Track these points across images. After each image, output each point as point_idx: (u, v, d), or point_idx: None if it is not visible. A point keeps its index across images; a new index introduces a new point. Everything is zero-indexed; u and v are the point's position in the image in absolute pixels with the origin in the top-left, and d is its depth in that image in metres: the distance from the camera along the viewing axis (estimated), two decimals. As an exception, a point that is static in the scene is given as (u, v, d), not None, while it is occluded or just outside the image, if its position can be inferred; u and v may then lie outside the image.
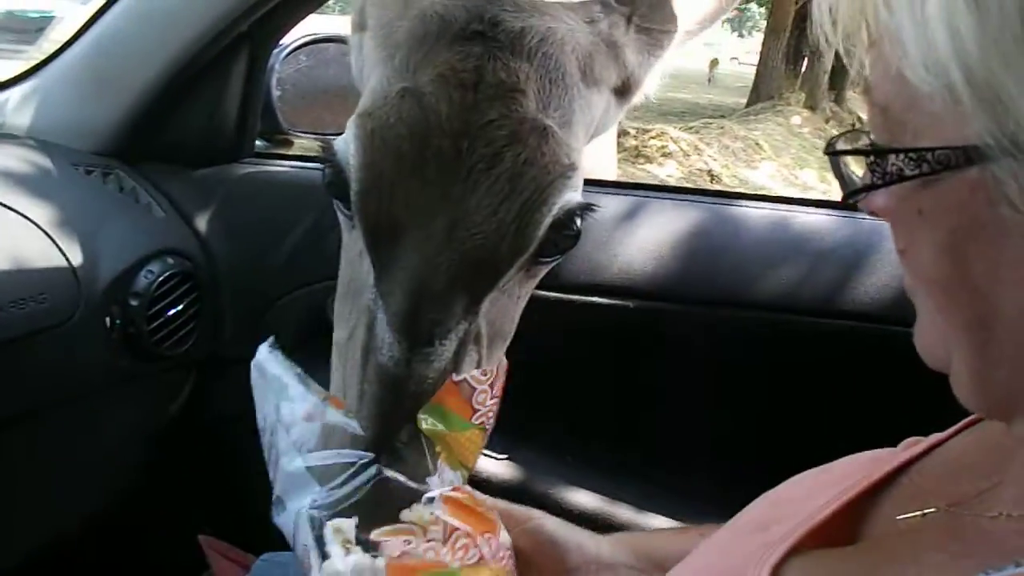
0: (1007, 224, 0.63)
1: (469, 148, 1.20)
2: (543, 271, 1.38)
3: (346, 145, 1.25)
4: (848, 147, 0.78)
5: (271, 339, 1.37)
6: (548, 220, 1.24)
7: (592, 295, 1.93)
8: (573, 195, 1.27)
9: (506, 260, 1.25)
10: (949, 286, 0.71)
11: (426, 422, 1.24)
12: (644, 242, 1.96)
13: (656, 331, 1.96)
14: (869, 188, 0.73)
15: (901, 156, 0.68)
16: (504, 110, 1.21)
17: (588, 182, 1.59)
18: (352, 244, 1.40)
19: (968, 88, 0.60)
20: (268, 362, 1.39)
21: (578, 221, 1.30)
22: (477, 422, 1.29)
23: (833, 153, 0.79)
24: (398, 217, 1.23)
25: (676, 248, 1.95)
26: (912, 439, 0.98)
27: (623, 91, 1.49)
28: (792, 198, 2.12)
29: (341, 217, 1.40)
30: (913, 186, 0.69)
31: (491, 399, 1.30)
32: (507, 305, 1.37)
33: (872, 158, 0.72)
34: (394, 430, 1.21)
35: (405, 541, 1.19)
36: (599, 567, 1.30)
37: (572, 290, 1.90)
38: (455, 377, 1.24)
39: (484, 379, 1.27)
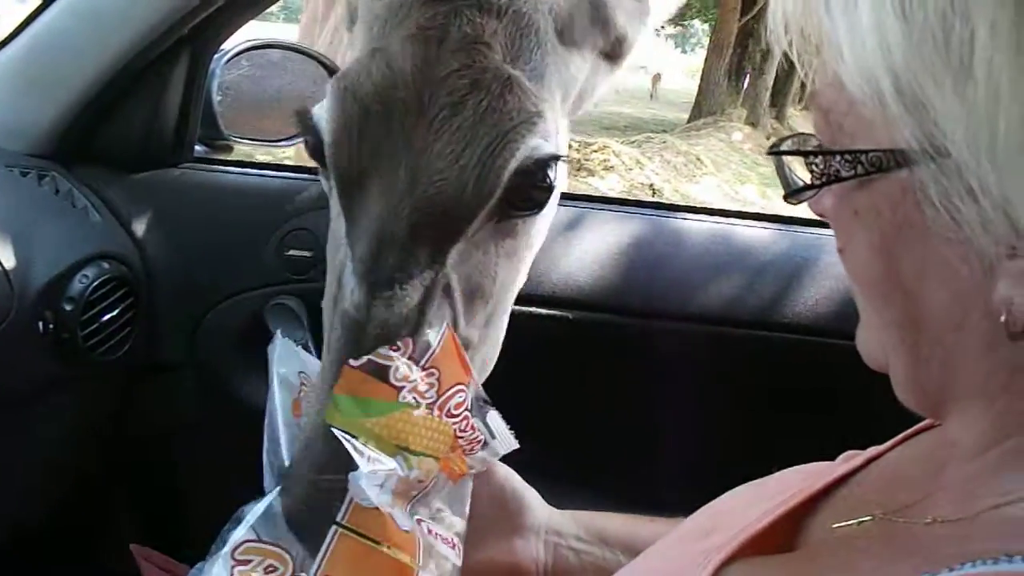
0: (931, 226, 0.65)
1: (432, 98, 1.24)
2: (521, 228, 1.39)
3: (321, 110, 1.31)
4: (789, 148, 0.80)
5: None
6: (512, 165, 1.25)
7: (532, 305, 1.93)
8: (542, 143, 1.28)
9: (470, 208, 1.27)
10: (881, 285, 0.74)
11: (338, 415, 1.25)
12: (585, 253, 1.97)
13: (596, 342, 1.96)
14: (806, 188, 0.75)
15: (837, 158, 0.70)
16: (467, 60, 1.25)
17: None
18: (334, 206, 1.42)
19: (895, 94, 0.62)
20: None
21: (551, 173, 1.32)
22: (405, 400, 1.29)
23: (776, 153, 0.81)
24: (365, 167, 1.28)
25: (617, 260, 1.96)
26: (851, 452, 0.99)
27: (612, 55, 1.52)
28: (732, 211, 2.14)
29: (325, 185, 1.45)
30: (849, 187, 0.71)
31: (420, 372, 1.30)
32: (482, 261, 1.37)
33: (811, 159, 0.74)
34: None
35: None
36: (549, 532, 1.36)
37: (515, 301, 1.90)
38: (351, 363, 1.25)
39: (396, 353, 1.27)
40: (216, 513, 1.19)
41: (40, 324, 1.71)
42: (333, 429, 1.22)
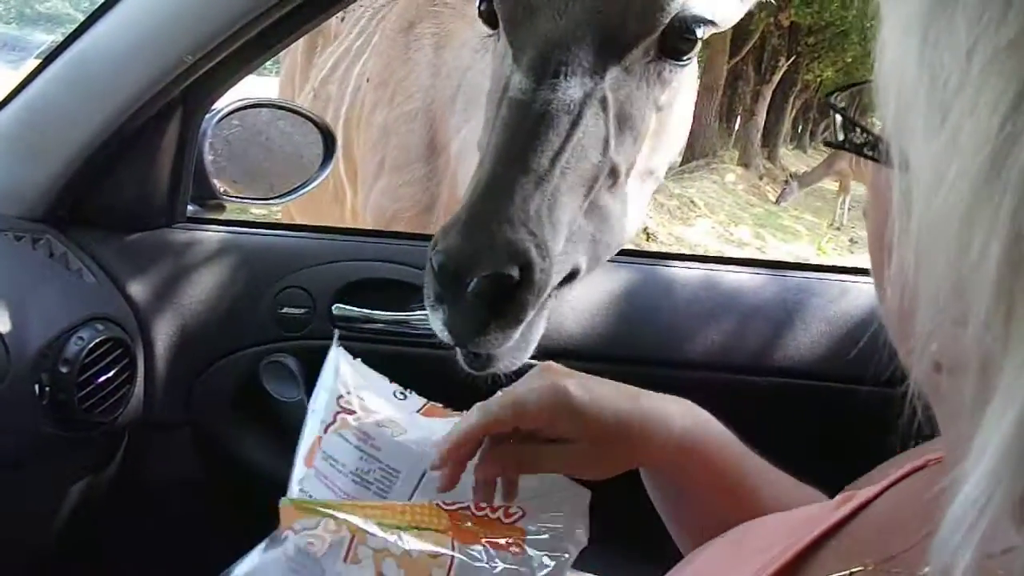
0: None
1: None
2: (668, 77, 1.61)
3: None
4: (835, 102, 0.80)
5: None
6: (670, 8, 1.50)
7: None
8: (693, 3, 1.54)
9: (632, 34, 1.51)
10: (875, 269, 0.74)
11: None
12: (576, 303, 1.98)
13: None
14: (832, 144, 0.76)
15: (858, 130, 0.72)
16: None
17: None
18: (499, 60, 1.65)
19: (892, 99, 0.61)
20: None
21: (698, 30, 1.57)
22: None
23: (825, 103, 0.82)
24: (535, 3, 1.49)
25: (608, 309, 1.98)
26: (847, 493, 0.98)
27: None
28: (721, 257, 2.16)
29: (495, 47, 1.71)
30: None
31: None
32: (635, 95, 1.58)
33: (844, 121, 0.75)
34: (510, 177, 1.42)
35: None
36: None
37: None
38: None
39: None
40: (212, 571, 1.20)
41: (36, 387, 1.72)
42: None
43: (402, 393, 1.42)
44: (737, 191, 19.20)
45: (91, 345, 1.79)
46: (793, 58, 25.77)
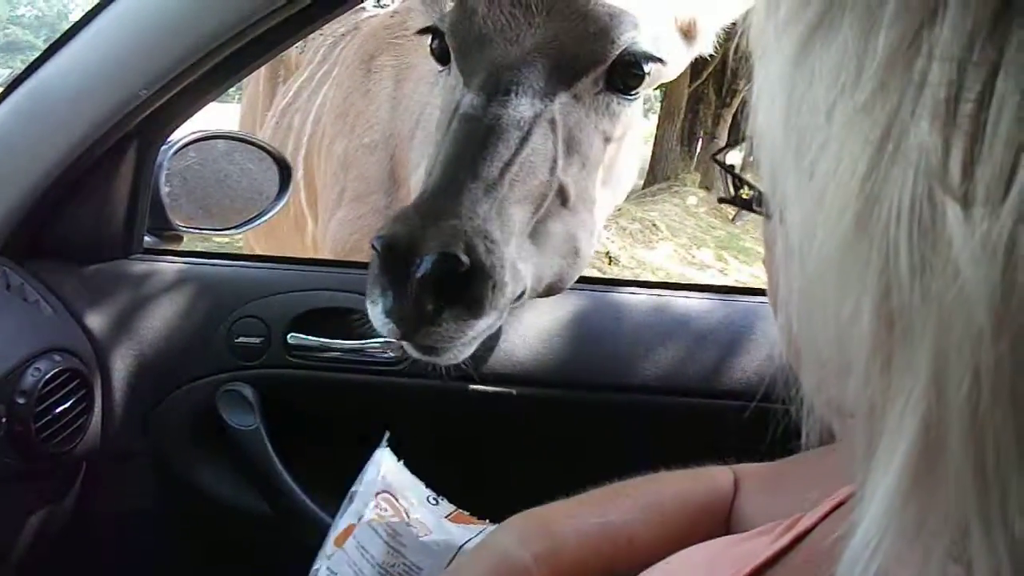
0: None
1: None
2: (616, 110, 1.71)
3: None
4: (722, 160, 0.84)
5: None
6: (620, 42, 1.62)
7: (474, 383, 1.97)
8: (641, 39, 1.65)
9: (582, 63, 1.62)
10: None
11: None
12: (527, 330, 2.01)
13: (540, 417, 2.00)
14: (724, 199, 0.81)
15: (746, 186, 0.76)
16: None
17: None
18: (449, 91, 1.74)
19: (766, 149, 0.64)
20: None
21: (645, 66, 1.68)
22: None
23: (714, 159, 0.86)
24: (486, 35, 1.60)
25: (559, 335, 2.01)
26: (795, 517, 0.99)
27: (687, 35, 1.87)
28: (670, 283, 2.19)
29: (443, 81, 1.81)
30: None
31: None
32: (583, 121, 1.67)
33: (731, 178, 0.78)
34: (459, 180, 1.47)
35: None
36: None
37: (454, 379, 1.93)
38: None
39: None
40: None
41: (-7, 419, 1.73)
42: None
43: (435, 499, 1.50)
44: (699, 214, 19.24)
45: (48, 376, 1.80)
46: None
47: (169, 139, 2.10)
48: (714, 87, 24.22)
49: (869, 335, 0.53)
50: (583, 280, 2.17)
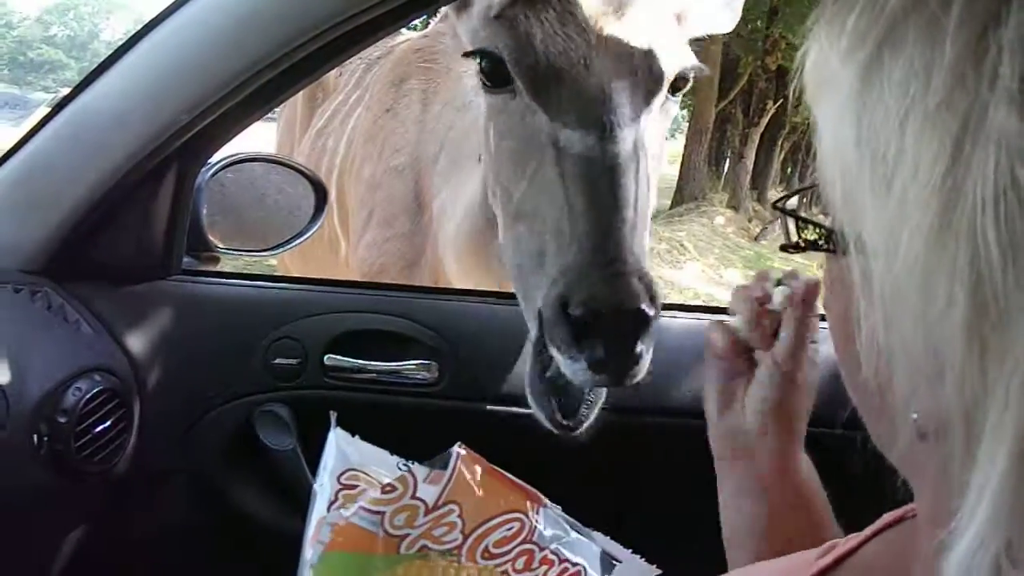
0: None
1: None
2: (669, 108, 1.87)
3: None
4: (782, 206, 0.86)
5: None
6: (685, 59, 1.81)
7: (504, 404, 1.99)
8: (691, 58, 1.84)
9: (664, 76, 1.74)
10: (841, 355, 0.81)
11: None
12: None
13: (574, 439, 2.00)
14: (788, 246, 0.83)
15: (811, 226, 0.78)
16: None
17: (512, 296, 1.70)
18: (515, 116, 1.79)
19: (838, 182, 0.67)
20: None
21: (690, 75, 1.84)
22: (409, 551, 1.28)
23: (775, 207, 0.88)
24: (561, 65, 1.68)
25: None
26: (832, 542, 0.99)
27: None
28: (705, 306, 2.20)
29: (492, 100, 1.85)
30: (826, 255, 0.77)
31: (431, 514, 1.29)
32: (660, 134, 1.86)
33: (796, 222, 0.81)
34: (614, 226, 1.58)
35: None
36: None
37: (486, 399, 1.94)
38: (342, 513, 1.26)
39: (389, 496, 1.27)
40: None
41: (35, 437, 1.74)
42: None
43: (405, 465, 1.42)
44: (727, 233, 19.21)
45: (88, 396, 1.82)
46: (780, 101, 25.90)
47: (208, 162, 2.12)
48: (742, 107, 24.20)
49: (963, 326, 0.54)
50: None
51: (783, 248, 0.85)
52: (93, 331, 1.98)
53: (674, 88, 1.83)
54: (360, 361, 2.03)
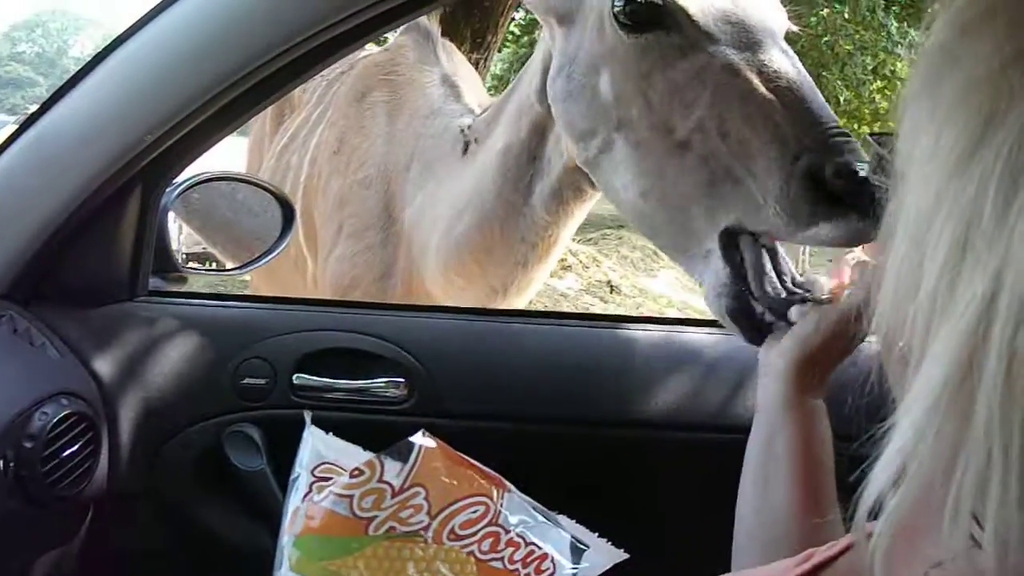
0: None
1: None
2: None
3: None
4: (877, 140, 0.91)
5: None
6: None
7: (475, 420, 1.98)
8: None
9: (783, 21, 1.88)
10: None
11: (300, 562, 1.26)
12: (531, 367, 2.02)
13: (545, 454, 2.00)
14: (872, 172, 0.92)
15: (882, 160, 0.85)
16: None
17: (481, 311, 1.69)
18: (665, 51, 1.81)
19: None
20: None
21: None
22: (376, 533, 1.30)
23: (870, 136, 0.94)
24: None
25: (557, 371, 2.02)
26: (810, 550, 0.98)
27: None
28: (673, 318, 2.21)
29: (635, 42, 1.84)
30: None
31: (397, 497, 1.31)
32: None
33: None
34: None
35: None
36: None
37: (456, 416, 1.95)
38: (313, 499, 1.28)
39: (357, 480, 1.29)
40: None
41: (0, 463, 1.73)
42: None
43: (379, 459, 1.43)
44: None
45: (55, 420, 1.80)
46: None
47: (173, 181, 2.11)
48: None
49: (944, 255, 0.61)
50: (584, 316, 2.19)
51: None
52: (59, 354, 1.97)
53: None
54: (329, 380, 2.02)
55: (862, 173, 1.49)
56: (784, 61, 1.71)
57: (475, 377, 2.05)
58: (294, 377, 2.03)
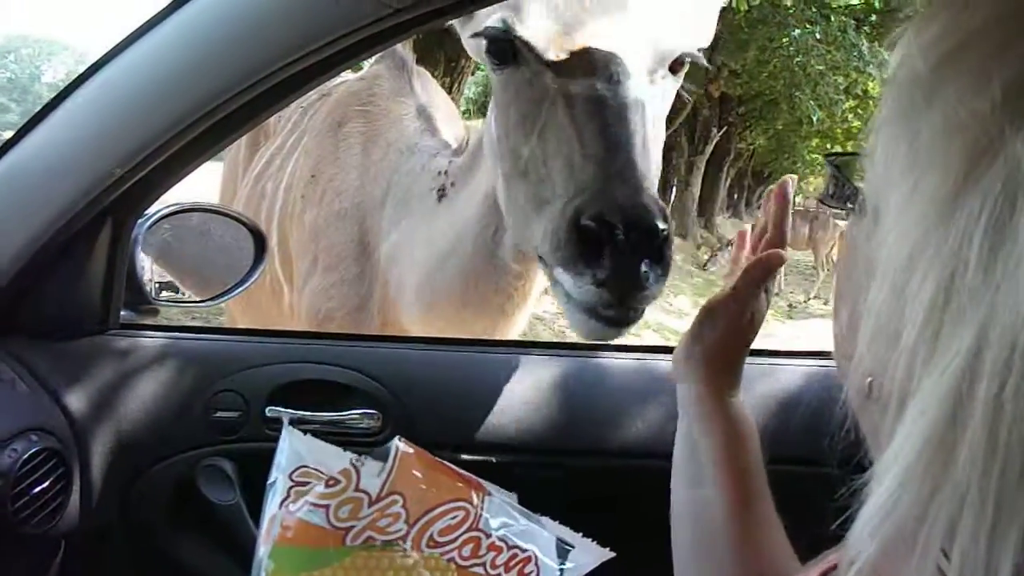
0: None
1: None
2: (670, 91, 2.03)
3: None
4: (834, 162, 0.92)
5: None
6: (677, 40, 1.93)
7: (449, 451, 1.97)
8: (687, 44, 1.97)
9: (656, 48, 1.88)
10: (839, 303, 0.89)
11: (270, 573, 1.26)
12: (509, 398, 2.01)
13: (523, 484, 2.00)
14: (822, 200, 0.92)
15: (847, 187, 0.86)
16: None
17: (454, 342, 1.68)
18: (521, 88, 1.90)
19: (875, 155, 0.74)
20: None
21: (687, 61, 2.02)
22: (354, 543, 1.29)
23: (827, 158, 0.95)
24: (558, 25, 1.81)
25: (539, 402, 2.02)
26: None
27: None
28: (652, 346, 2.21)
29: (499, 78, 1.96)
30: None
31: (370, 506, 1.31)
32: (658, 113, 1.96)
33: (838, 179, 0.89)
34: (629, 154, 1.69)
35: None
36: None
37: (430, 447, 1.94)
38: (289, 508, 1.27)
39: (333, 490, 1.28)
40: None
41: (-31, 501, 1.71)
42: None
43: (359, 459, 1.42)
44: (676, 261, 19.33)
45: (25, 457, 1.78)
46: (725, 128, 26.25)
47: (144, 213, 2.10)
48: (686, 135, 24.43)
49: (927, 306, 0.61)
50: (561, 346, 2.18)
51: (820, 201, 0.94)
52: (29, 389, 1.95)
53: (672, 69, 1.96)
54: (302, 412, 2.01)
55: (619, 224, 1.55)
56: (611, 96, 1.74)
57: (449, 408, 2.04)
58: (267, 410, 2.01)
